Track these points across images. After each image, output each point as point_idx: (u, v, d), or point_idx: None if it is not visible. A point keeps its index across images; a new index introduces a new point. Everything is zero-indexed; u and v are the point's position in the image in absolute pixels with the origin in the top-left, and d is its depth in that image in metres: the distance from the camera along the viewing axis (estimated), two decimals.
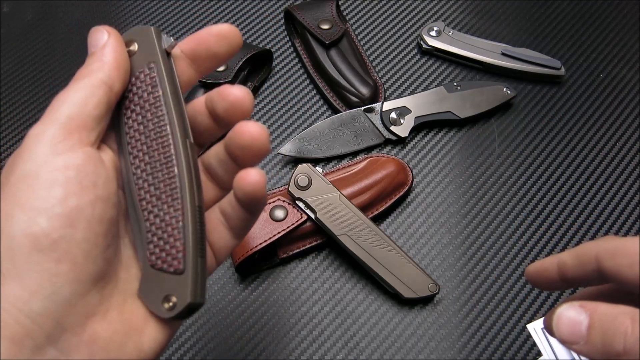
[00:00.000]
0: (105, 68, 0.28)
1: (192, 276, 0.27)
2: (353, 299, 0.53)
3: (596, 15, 0.70)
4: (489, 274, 0.54)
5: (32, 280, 0.24)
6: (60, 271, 0.25)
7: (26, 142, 0.26)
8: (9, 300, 0.24)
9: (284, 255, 0.54)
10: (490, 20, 0.69)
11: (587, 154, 0.60)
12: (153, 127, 0.29)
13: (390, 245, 0.51)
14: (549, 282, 0.32)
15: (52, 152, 0.26)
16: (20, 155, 0.26)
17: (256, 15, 0.70)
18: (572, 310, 0.26)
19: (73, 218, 0.25)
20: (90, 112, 0.27)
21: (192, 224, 0.28)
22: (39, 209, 0.25)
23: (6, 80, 0.66)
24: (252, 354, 0.50)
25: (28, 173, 0.25)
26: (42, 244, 0.24)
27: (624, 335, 0.24)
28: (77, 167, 0.26)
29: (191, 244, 0.27)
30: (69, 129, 0.27)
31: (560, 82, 0.65)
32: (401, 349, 0.51)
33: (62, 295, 0.25)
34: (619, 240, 0.28)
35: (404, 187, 0.57)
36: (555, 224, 0.56)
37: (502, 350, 0.50)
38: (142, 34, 0.30)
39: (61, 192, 0.25)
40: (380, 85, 0.64)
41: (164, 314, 0.28)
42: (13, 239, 0.24)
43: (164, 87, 0.29)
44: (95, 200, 0.26)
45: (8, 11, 0.71)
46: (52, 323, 0.24)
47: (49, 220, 0.25)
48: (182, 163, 0.28)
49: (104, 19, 0.70)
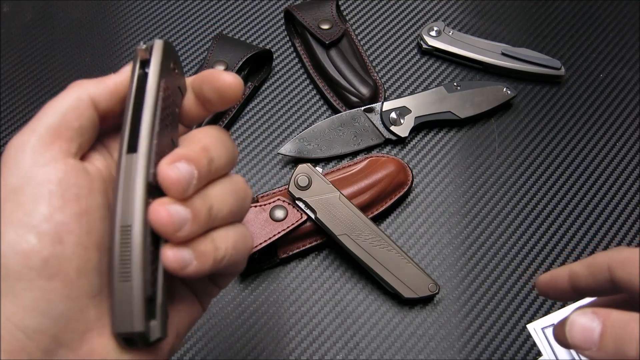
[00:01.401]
0: (92, 83, 0.28)
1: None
2: (353, 299, 0.53)
3: (596, 15, 0.70)
4: (489, 274, 0.54)
5: (26, 297, 0.24)
6: (53, 288, 0.24)
7: (9, 153, 0.26)
8: (4, 315, 0.23)
9: (284, 255, 0.54)
10: (490, 20, 0.69)
11: (587, 154, 0.60)
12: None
13: (390, 245, 0.51)
14: (561, 293, 0.32)
15: (34, 163, 0.26)
16: (5, 167, 0.26)
17: (256, 15, 0.70)
18: (585, 316, 0.26)
19: (61, 234, 0.25)
20: (70, 123, 0.27)
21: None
22: (27, 225, 0.24)
23: (6, 80, 0.66)
24: (252, 354, 0.50)
25: (14, 187, 0.25)
26: (33, 261, 0.24)
27: (636, 342, 0.24)
28: (59, 181, 0.25)
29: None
30: (48, 139, 0.26)
31: (560, 82, 0.65)
32: (401, 349, 0.51)
33: (57, 312, 0.24)
34: (631, 251, 0.28)
35: (404, 187, 0.57)
36: (555, 224, 0.56)
37: (502, 350, 0.50)
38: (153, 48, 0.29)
39: (45, 208, 0.25)
40: (380, 85, 0.64)
41: None
42: (4, 256, 0.24)
43: (130, 102, 0.27)
44: (80, 214, 0.26)
45: (8, 11, 0.71)
46: (48, 339, 0.24)
47: (38, 237, 0.24)
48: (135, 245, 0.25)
49: (103, 19, 0.70)
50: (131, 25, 0.70)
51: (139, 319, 0.25)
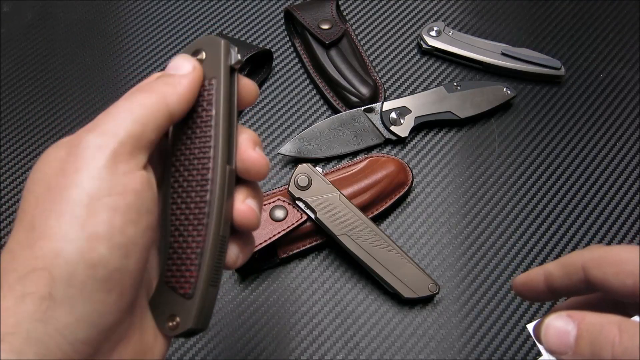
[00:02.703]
0: (174, 97, 0.27)
1: (199, 303, 0.27)
2: (353, 299, 0.53)
3: (596, 15, 0.70)
4: (489, 274, 0.54)
5: (83, 308, 0.23)
6: (109, 301, 0.24)
7: (85, 153, 0.25)
8: (56, 327, 0.23)
9: (284, 255, 0.54)
10: (490, 20, 0.69)
11: (587, 154, 0.60)
12: (198, 145, 0.28)
13: (390, 245, 0.51)
14: (537, 294, 0.32)
15: (112, 171, 0.24)
16: (79, 167, 0.24)
17: (256, 15, 0.70)
18: (560, 320, 0.26)
19: (129, 248, 0.24)
20: (149, 134, 0.26)
21: (211, 252, 0.27)
22: (99, 236, 0.24)
23: (6, 80, 0.66)
24: (252, 354, 0.50)
25: (90, 192, 0.24)
26: (100, 273, 0.23)
27: (611, 345, 0.24)
28: (137, 193, 0.25)
29: (205, 272, 0.27)
30: (129, 148, 0.25)
31: (560, 82, 0.65)
32: (401, 349, 0.51)
33: (106, 324, 0.24)
34: (605, 249, 0.28)
35: (404, 187, 0.57)
36: (555, 224, 0.56)
37: (502, 350, 0.50)
38: (211, 45, 0.29)
39: (121, 219, 0.24)
40: (380, 85, 0.64)
41: (165, 331, 0.28)
42: (71, 263, 0.23)
43: (218, 107, 0.28)
44: (147, 228, 0.25)
45: (8, 11, 0.71)
46: (90, 350, 0.24)
47: (109, 249, 0.24)
48: (216, 190, 0.27)
49: (103, 19, 0.70)
50: (131, 25, 0.70)
51: (209, 319, 0.29)
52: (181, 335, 0.28)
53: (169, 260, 0.28)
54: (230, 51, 0.29)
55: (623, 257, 0.27)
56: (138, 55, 0.67)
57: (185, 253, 0.27)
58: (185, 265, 0.27)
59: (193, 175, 0.28)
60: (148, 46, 0.68)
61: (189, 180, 0.28)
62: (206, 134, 0.28)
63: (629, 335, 0.24)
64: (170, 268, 0.28)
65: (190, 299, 0.27)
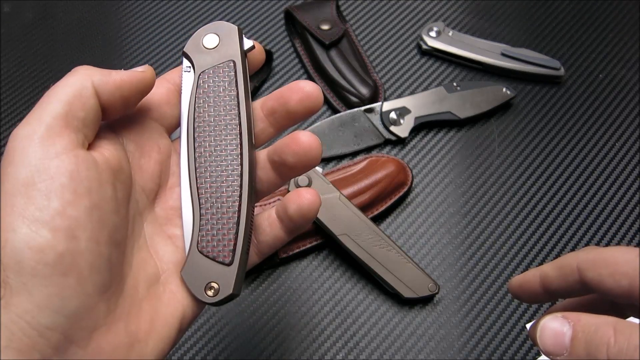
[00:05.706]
0: (106, 77, 0.28)
1: (238, 270, 0.29)
2: (353, 299, 0.53)
3: (596, 15, 0.70)
4: (489, 274, 0.54)
5: (40, 294, 0.23)
6: (67, 284, 0.24)
7: (15, 144, 0.25)
8: (17, 313, 0.23)
9: (284, 255, 0.54)
10: (490, 20, 0.69)
11: (587, 154, 0.60)
12: (225, 122, 0.30)
13: (390, 245, 0.52)
14: (533, 296, 0.32)
15: (44, 155, 0.25)
16: (11, 160, 0.25)
17: (256, 15, 0.70)
18: (556, 321, 0.26)
19: (74, 229, 0.24)
20: (76, 112, 0.26)
21: (246, 221, 0.30)
22: (40, 220, 0.24)
23: (6, 80, 0.66)
24: (252, 354, 0.50)
25: (24, 180, 0.24)
26: (48, 257, 0.24)
27: (607, 346, 0.24)
28: (70, 174, 0.25)
29: (242, 240, 0.29)
30: (57, 129, 0.26)
31: (559, 82, 0.65)
32: (401, 349, 0.51)
33: (70, 309, 0.24)
34: (600, 250, 0.28)
35: (404, 187, 0.57)
36: (554, 224, 0.56)
37: (501, 350, 0.50)
38: (226, 30, 0.32)
39: (58, 202, 0.24)
40: (380, 85, 0.64)
41: (205, 298, 0.29)
42: (18, 251, 0.23)
43: (240, 87, 0.30)
44: (92, 207, 0.25)
45: (8, 11, 0.72)
46: (59, 336, 0.24)
47: (52, 232, 0.24)
48: (246, 163, 0.30)
49: (103, 19, 0.70)
50: (131, 26, 0.70)
51: (242, 285, 0.31)
52: (220, 302, 0.29)
53: (201, 231, 0.29)
54: (243, 37, 0.32)
55: (618, 259, 0.27)
56: (138, 55, 0.67)
57: (221, 222, 0.29)
58: (223, 234, 0.29)
59: (221, 150, 0.30)
60: (148, 46, 0.68)
61: (218, 155, 0.30)
62: (232, 111, 0.30)
63: (624, 336, 0.24)
64: (204, 237, 0.29)
65: (230, 266, 0.29)
